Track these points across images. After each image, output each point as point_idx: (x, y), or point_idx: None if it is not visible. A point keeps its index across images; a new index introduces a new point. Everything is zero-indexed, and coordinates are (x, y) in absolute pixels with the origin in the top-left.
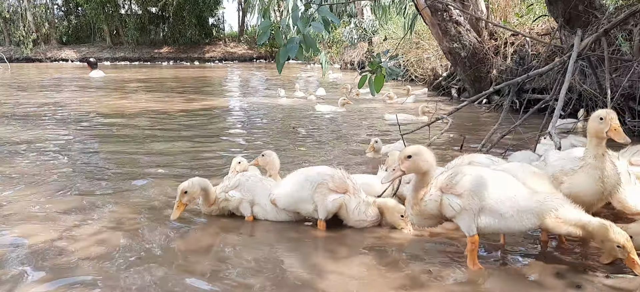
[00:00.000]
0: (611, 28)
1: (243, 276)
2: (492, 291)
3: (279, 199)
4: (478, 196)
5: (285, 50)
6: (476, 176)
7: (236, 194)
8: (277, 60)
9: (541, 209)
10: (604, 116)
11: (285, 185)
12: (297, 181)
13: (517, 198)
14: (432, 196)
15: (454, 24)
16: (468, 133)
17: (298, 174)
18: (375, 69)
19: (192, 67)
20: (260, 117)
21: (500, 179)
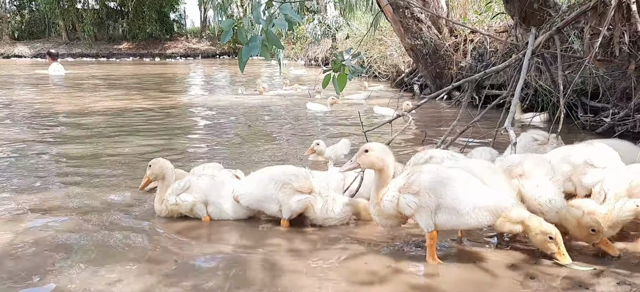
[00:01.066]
0: (563, 26)
1: (201, 277)
2: (449, 283)
3: (242, 196)
4: (435, 193)
5: (247, 49)
6: (433, 174)
7: (188, 198)
8: (239, 59)
9: (497, 207)
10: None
11: (249, 183)
12: (261, 180)
13: (474, 196)
14: (389, 197)
15: (415, 21)
16: (430, 129)
17: (262, 173)
18: (338, 68)
19: (153, 64)
20: (224, 114)
21: (458, 176)
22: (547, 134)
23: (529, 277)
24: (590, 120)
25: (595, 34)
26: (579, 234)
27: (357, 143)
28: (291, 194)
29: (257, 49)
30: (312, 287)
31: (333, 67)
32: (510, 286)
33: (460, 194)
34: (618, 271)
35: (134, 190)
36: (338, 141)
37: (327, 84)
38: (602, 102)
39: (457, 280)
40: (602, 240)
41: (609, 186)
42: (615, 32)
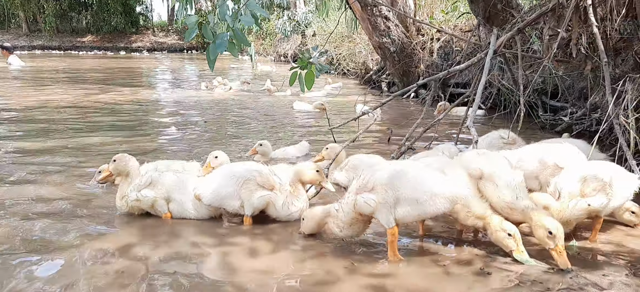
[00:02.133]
0: (524, 27)
1: (158, 276)
2: (409, 280)
3: (204, 194)
4: (392, 188)
5: (214, 46)
6: (389, 170)
7: (149, 194)
8: (207, 57)
9: (454, 195)
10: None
11: (211, 181)
12: (223, 177)
13: (432, 184)
14: (347, 201)
15: (383, 19)
16: (397, 127)
17: (224, 170)
18: (305, 66)
19: (117, 58)
20: (191, 110)
21: (413, 168)
22: (508, 132)
23: (486, 274)
24: (549, 119)
25: (554, 35)
26: (536, 235)
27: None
28: (253, 191)
29: (224, 46)
30: (269, 287)
31: (300, 65)
32: (467, 282)
33: (418, 183)
34: (572, 267)
35: (93, 188)
36: (298, 143)
37: (293, 81)
38: (561, 102)
39: (415, 278)
40: (556, 247)
41: (563, 184)
42: (573, 34)
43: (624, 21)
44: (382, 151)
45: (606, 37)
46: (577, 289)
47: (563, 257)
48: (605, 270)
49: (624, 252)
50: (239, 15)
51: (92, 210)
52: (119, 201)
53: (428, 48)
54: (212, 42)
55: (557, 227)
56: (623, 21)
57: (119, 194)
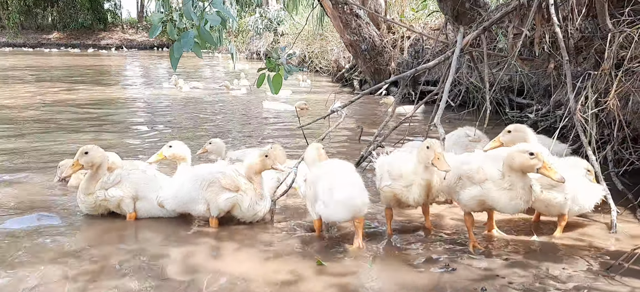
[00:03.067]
0: (489, 26)
1: (121, 278)
2: (375, 278)
3: (166, 201)
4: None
5: (179, 45)
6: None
7: (116, 193)
8: (171, 55)
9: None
10: (430, 145)
11: (173, 186)
12: (186, 181)
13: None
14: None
15: (354, 17)
16: (367, 125)
17: (187, 174)
18: (274, 67)
19: (85, 55)
20: (161, 109)
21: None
22: (474, 129)
23: (451, 270)
24: (516, 116)
25: (518, 34)
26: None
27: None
28: (219, 193)
29: (190, 45)
30: (230, 288)
31: (268, 66)
32: (434, 278)
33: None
34: (531, 261)
35: (55, 187)
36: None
37: (261, 83)
38: (527, 99)
39: (382, 275)
40: (544, 165)
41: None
42: (536, 33)
43: (584, 20)
44: (353, 148)
45: (568, 36)
46: (537, 282)
47: (554, 170)
48: (565, 263)
49: (585, 246)
50: (206, 14)
51: (56, 210)
52: (84, 196)
53: (399, 46)
54: (176, 40)
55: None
56: (584, 20)
57: (84, 188)
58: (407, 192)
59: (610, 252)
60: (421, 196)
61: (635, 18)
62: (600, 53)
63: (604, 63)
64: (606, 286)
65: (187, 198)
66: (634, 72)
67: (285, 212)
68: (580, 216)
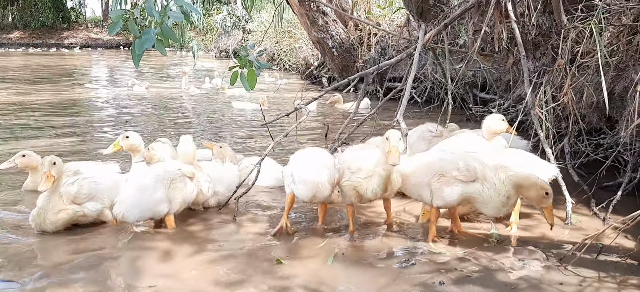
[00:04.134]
0: (450, 22)
1: (66, 282)
2: (335, 276)
3: (127, 213)
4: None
5: (141, 42)
6: None
7: (96, 206)
8: (132, 53)
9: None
10: (388, 136)
11: (130, 195)
12: (145, 186)
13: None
14: None
15: (321, 14)
16: (333, 122)
17: (142, 178)
18: (245, 64)
19: (47, 55)
20: (128, 109)
21: None
22: (435, 125)
23: (411, 264)
24: (479, 111)
25: (478, 30)
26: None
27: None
28: (183, 188)
29: (152, 42)
30: (172, 288)
31: (239, 64)
32: (392, 273)
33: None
34: (488, 253)
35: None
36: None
37: (234, 81)
38: (490, 94)
39: (341, 273)
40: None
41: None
42: (495, 29)
43: (541, 16)
44: (320, 145)
45: (525, 32)
46: (494, 273)
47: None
48: (521, 255)
49: (540, 238)
50: (168, 11)
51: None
52: (53, 216)
53: (366, 43)
54: (138, 37)
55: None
56: (540, 16)
57: (51, 209)
58: (366, 183)
59: (564, 243)
60: (380, 186)
61: (588, 14)
62: (556, 48)
63: (559, 58)
64: (558, 275)
65: (152, 201)
66: (587, 67)
67: (247, 209)
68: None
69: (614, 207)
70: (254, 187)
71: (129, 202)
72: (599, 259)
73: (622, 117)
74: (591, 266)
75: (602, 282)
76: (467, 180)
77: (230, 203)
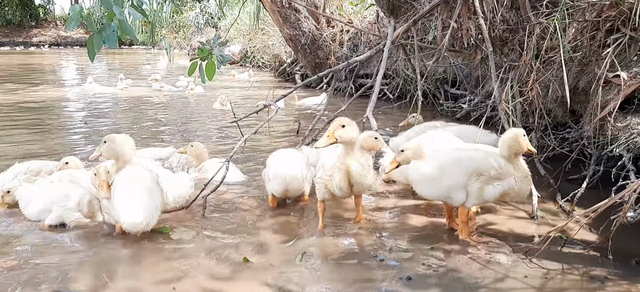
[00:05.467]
0: (419, 18)
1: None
2: (302, 272)
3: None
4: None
5: (99, 36)
6: None
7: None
8: (89, 48)
9: None
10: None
11: (35, 201)
12: (54, 196)
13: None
14: None
15: (293, 11)
16: (305, 119)
17: (51, 190)
18: (206, 56)
19: (13, 53)
20: (100, 109)
21: None
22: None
23: (379, 260)
24: (450, 106)
25: (447, 26)
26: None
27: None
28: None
29: (113, 40)
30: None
31: (200, 56)
32: (360, 269)
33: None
34: (455, 246)
35: None
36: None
37: (193, 72)
38: (460, 90)
39: (308, 271)
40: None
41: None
42: (463, 25)
43: (508, 12)
44: (292, 141)
45: (493, 27)
46: (461, 266)
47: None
48: (488, 248)
49: (507, 232)
50: (126, 5)
51: None
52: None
53: (338, 40)
54: (95, 32)
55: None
56: (508, 11)
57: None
58: (331, 180)
59: (530, 236)
60: (343, 181)
61: (552, 9)
62: (523, 44)
63: (524, 54)
64: (524, 268)
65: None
66: (552, 62)
67: (215, 207)
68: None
69: (579, 200)
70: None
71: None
72: (563, 251)
73: (586, 112)
74: (555, 258)
75: (566, 273)
76: (504, 177)
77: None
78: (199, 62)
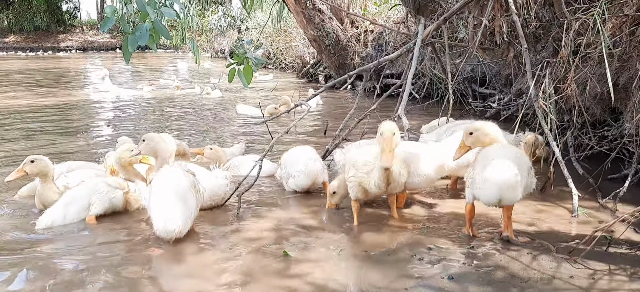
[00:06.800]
0: (450, 16)
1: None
2: (342, 268)
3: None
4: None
5: (133, 38)
6: None
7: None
8: (124, 49)
9: None
10: (382, 132)
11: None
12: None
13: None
14: None
15: (317, 12)
16: (333, 119)
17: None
18: (242, 61)
19: (43, 58)
20: (125, 111)
21: None
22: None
23: (419, 259)
24: (479, 106)
25: (478, 24)
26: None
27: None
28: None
29: (145, 39)
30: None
31: (236, 61)
32: (399, 267)
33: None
34: (497, 247)
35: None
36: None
37: (232, 78)
38: (489, 89)
39: (348, 266)
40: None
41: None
42: (496, 22)
43: (541, 8)
44: (320, 142)
45: (526, 24)
46: (502, 267)
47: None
48: (529, 248)
49: (548, 231)
50: (160, 7)
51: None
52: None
53: (363, 40)
54: (129, 34)
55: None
56: (541, 8)
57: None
58: (368, 177)
59: (571, 235)
60: (382, 179)
61: (590, 5)
62: (557, 41)
63: (562, 50)
64: (569, 268)
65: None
66: (590, 58)
67: (251, 204)
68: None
69: (621, 199)
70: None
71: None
72: (608, 251)
73: (627, 109)
74: (601, 259)
75: (613, 274)
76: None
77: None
78: (237, 67)
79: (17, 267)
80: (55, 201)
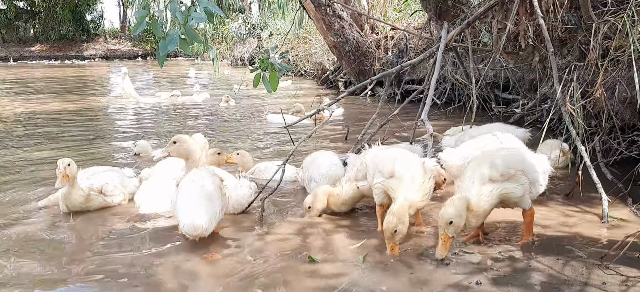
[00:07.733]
0: (473, 21)
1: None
2: (367, 274)
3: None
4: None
5: (164, 43)
6: None
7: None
8: (157, 54)
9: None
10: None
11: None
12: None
13: None
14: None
15: (337, 18)
16: (354, 125)
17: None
18: (267, 67)
19: (67, 67)
20: (146, 117)
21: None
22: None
23: (446, 263)
24: (502, 111)
25: (502, 28)
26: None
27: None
28: None
29: (175, 44)
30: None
31: (261, 67)
32: (424, 273)
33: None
34: (525, 253)
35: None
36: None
37: (257, 83)
38: (513, 94)
39: (373, 271)
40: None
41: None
42: (521, 26)
43: (567, 12)
44: (341, 148)
45: (552, 28)
46: (532, 273)
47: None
48: (559, 254)
49: (578, 236)
50: (191, 12)
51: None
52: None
53: (383, 46)
54: (161, 38)
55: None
56: (567, 12)
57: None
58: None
59: (603, 241)
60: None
61: (618, 8)
62: (584, 44)
63: (590, 53)
64: (601, 275)
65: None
66: (619, 62)
67: (274, 210)
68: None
69: None
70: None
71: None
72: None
73: None
74: (633, 265)
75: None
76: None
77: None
78: (262, 74)
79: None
80: (80, 204)
